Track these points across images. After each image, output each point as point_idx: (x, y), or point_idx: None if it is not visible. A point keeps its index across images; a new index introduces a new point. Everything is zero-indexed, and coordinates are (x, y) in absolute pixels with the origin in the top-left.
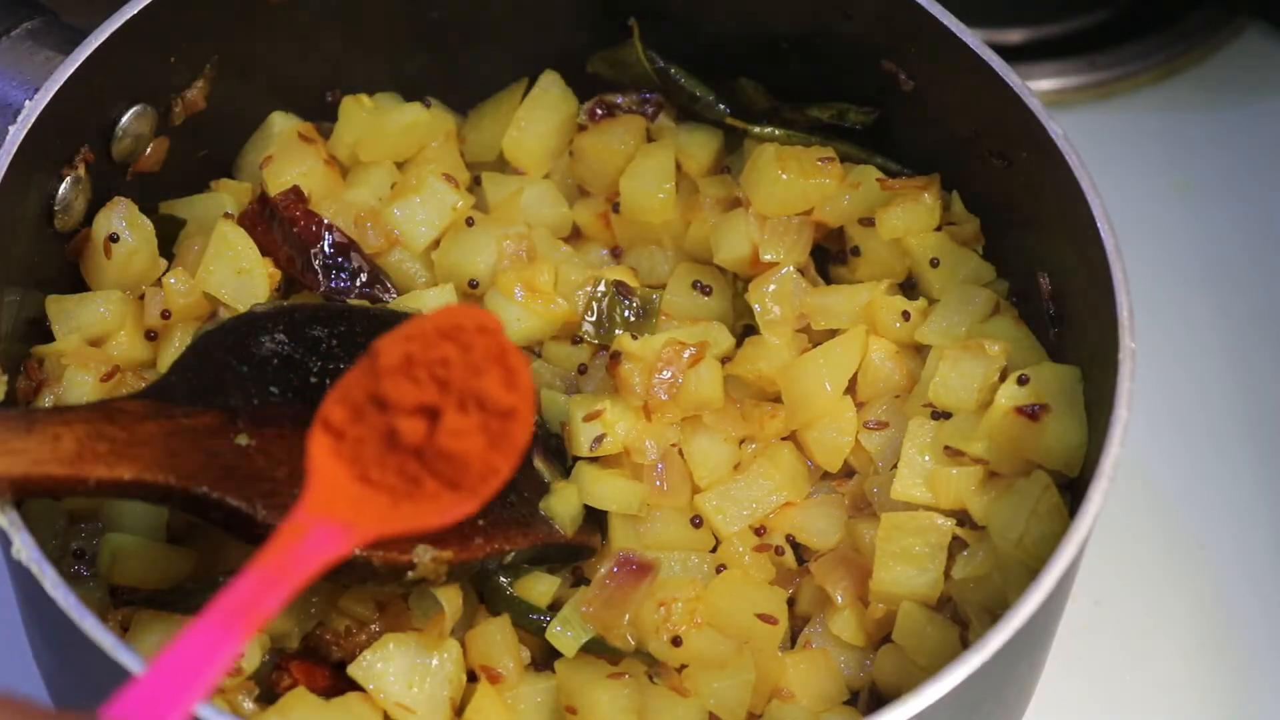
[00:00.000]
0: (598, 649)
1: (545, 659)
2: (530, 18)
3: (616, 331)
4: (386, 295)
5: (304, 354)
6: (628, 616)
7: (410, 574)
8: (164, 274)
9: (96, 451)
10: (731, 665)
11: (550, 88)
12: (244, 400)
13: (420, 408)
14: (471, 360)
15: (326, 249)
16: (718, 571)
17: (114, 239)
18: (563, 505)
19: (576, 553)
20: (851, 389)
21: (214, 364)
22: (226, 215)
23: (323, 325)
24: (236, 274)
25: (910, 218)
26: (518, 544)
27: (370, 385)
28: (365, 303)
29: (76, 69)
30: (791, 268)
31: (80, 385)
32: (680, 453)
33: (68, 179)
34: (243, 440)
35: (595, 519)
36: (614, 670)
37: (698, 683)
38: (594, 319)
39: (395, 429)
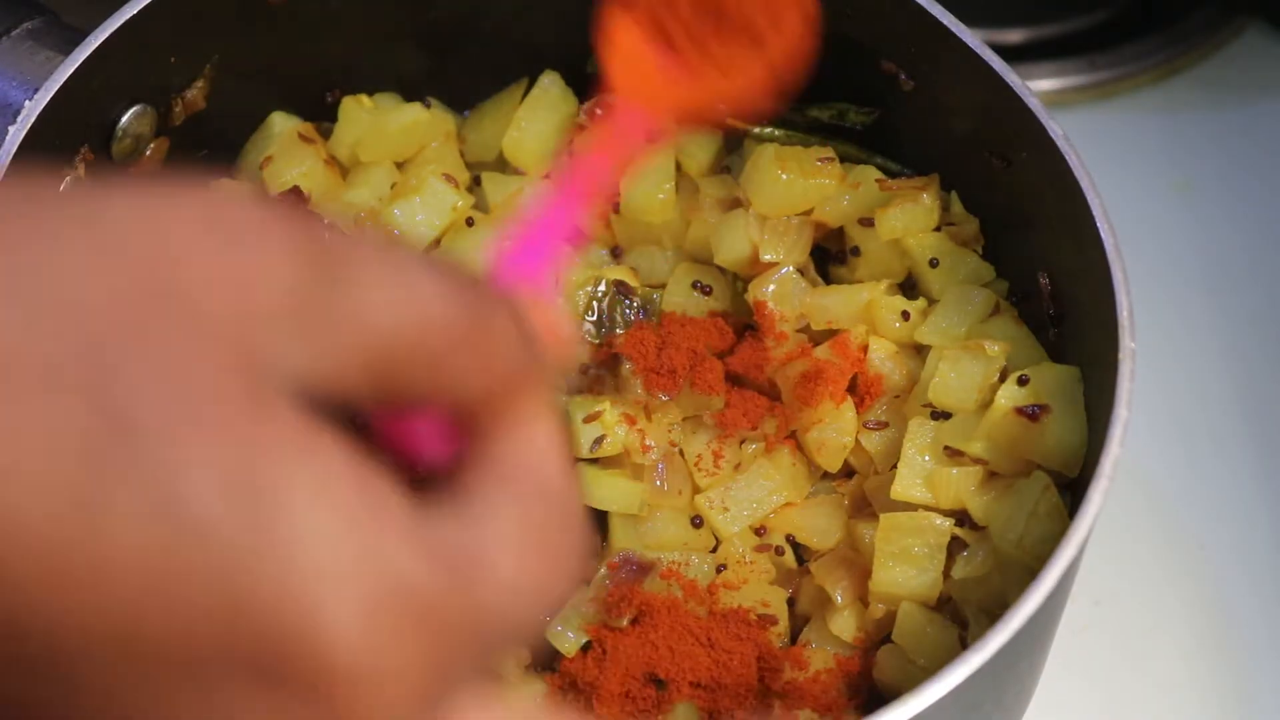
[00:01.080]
0: None
1: (545, 659)
2: (530, 18)
3: (617, 331)
4: None
5: None
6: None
7: None
8: None
9: None
10: None
11: (550, 88)
12: None
13: None
14: None
15: None
16: (718, 571)
17: None
18: None
19: None
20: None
21: None
22: None
23: None
24: None
25: (909, 218)
26: None
27: None
28: None
29: (76, 69)
30: (791, 268)
31: None
32: (680, 453)
33: (68, 179)
34: None
35: (595, 519)
36: None
37: None
38: (594, 319)
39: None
